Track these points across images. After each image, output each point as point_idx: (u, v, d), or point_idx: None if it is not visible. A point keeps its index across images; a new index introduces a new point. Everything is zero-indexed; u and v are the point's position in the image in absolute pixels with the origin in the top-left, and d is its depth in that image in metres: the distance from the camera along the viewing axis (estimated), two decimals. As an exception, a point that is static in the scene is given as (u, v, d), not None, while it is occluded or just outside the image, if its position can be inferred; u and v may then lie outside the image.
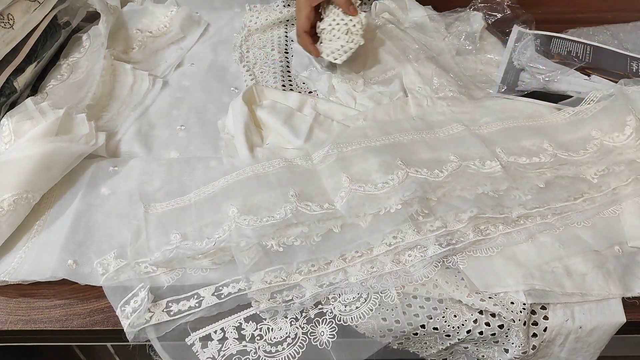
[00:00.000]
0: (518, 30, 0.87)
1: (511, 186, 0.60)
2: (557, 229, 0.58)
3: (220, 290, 0.54)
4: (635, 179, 0.62)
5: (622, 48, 0.84)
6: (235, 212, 0.56)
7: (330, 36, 0.76)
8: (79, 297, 0.55)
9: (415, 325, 0.52)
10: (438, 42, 0.88)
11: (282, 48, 0.89)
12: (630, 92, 0.69)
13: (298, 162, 0.64)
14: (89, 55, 0.80)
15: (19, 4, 0.72)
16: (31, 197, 0.59)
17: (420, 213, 0.57)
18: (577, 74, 0.76)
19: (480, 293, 0.52)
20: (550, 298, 0.53)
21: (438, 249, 0.54)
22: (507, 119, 0.70)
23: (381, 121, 0.71)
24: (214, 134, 0.73)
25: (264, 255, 0.54)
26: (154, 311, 0.52)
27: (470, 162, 0.62)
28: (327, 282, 0.54)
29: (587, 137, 0.66)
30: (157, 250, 0.55)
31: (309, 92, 0.81)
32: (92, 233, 0.59)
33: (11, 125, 0.64)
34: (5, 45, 0.70)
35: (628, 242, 0.58)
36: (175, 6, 0.93)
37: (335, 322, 0.52)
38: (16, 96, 0.73)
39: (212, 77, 0.84)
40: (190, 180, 0.64)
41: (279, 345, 0.51)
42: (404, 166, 0.60)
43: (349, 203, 0.57)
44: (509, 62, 0.82)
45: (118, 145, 0.71)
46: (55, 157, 0.62)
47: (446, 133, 0.68)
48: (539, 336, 0.52)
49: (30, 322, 0.53)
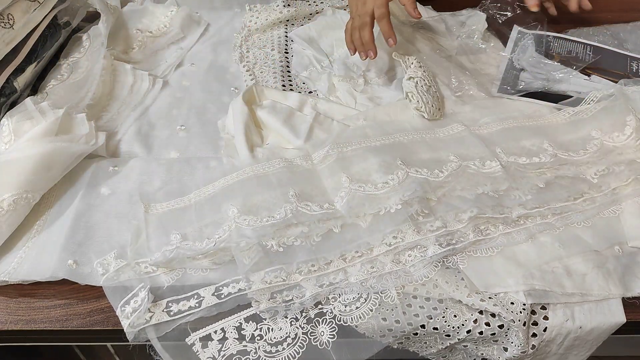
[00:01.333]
0: (518, 30, 0.87)
1: (511, 186, 0.60)
2: (557, 229, 0.58)
3: (220, 290, 0.54)
4: (635, 179, 0.62)
5: (622, 48, 0.84)
6: (235, 212, 0.56)
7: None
8: (79, 297, 0.55)
9: (415, 325, 0.52)
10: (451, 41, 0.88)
11: (282, 48, 0.89)
12: (630, 92, 0.69)
13: (298, 162, 0.64)
14: (89, 55, 0.80)
15: (19, 4, 0.72)
16: (31, 197, 0.59)
17: (420, 213, 0.57)
18: (577, 74, 0.76)
19: (480, 293, 0.52)
20: (550, 298, 0.53)
21: (438, 249, 0.54)
22: (507, 119, 0.70)
23: (381, 121, 0.71)
24: (214, 134, 0.73)
25: (264, 255, 0.54)
26: (154, 311, 0.52)
27: (470, 162, 0.62)
28: (327, 282, 0.54)
29: (587, 137, 0.66)
30: (157, 251, 0.55)
31: (309, 92, 0.81)
32: (92, 233, 0.59)
33: (11, 125, 0.64)
34: (6, 45, 0.70)
35: (628, 242, 0.58)
36: (175, 6, 0.93)
37: (335, 322, 0.52)
38: (16, 96, 0.73)
39: (212, 77, 0.84)
40: (190, 180, 0.64)
41: (279, 345, 0.51)
42: (404, 166, 0.60)
43: (349, 203, 0.57)
44: (509, 62, 0.82)
45: (118, 145, 0.71)
46: (55, 157, 0.62)
47: (446, 133, 0.68)
48: (539, 336, 0.53)
49: (30, 322, 0.53)
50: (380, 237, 0.55)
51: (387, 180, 0.59)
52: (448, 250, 0.55)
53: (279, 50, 0.88)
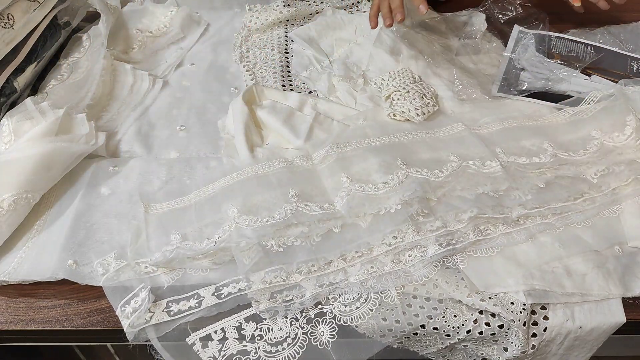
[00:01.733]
0: (519, 30, 0.87)
1: (511, 186, 0.60)
2: (557, 229, 0.58)
3: (221, 290, 0.54)
4: (635, 179, 0.62)
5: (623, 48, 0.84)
6: (235, 212, 0.56)
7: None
8: (79, 297, 0.55)
9: (415, 325, 0.52)
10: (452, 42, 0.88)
11: (282, 48, 0.89)
12: (630, 92, 0.69)
13: (298, 162, 0.64)
14: (89, 55, 0.80)
15: (19, 4, 0.72)
16: (31, 197, 0.59)
17: (420, 213, 0.57)
18: (577, 73, 0.76)
19: (480, 293, 0.52)
20: (550, 298, 0.53)
21: (438, 249, 0.54)
22: (507, 119, 0.70)
23: (381, 121, 0.71)
24: (214, 134, 0.73)
25: (264, 255, 0.54)
26: (154, 311, 0.52)
27: (470, 162, 0.62)
28: (327, 282, 0.54)
29: (587, 137, 0.66)
30: (157, 251, 0.55)
31: (309, 92, 0.81)
32: (92, 233, 0.59)
33: (11, 125, 0.64)
34: (6, 45, 0.70)
35: (628, 242, 0.58)
36: (175, 6, 0.94)
37: (335, 322, 0.52)
38: (16, 96, 0.73)
39: (212, 77, 0.84)
40: (190, 180, 0.64)
41: (279, 345, 0.51)
42: (404, 166, 0.60)
43: (349, 203, 0.57)
44: (509, 62, 0.82)
45: (118, 145, 0.71)
46: (55, 157, 0.62)
47: (446, 133, 0.68)
48: (539, 336, 0.53)
49: (30, 322, 0.53)
50: (380, 237, 0.55)
51: (387, 180, 0.59)
52: (448, 250, 0.55)
53: (279, 50, 0.88)
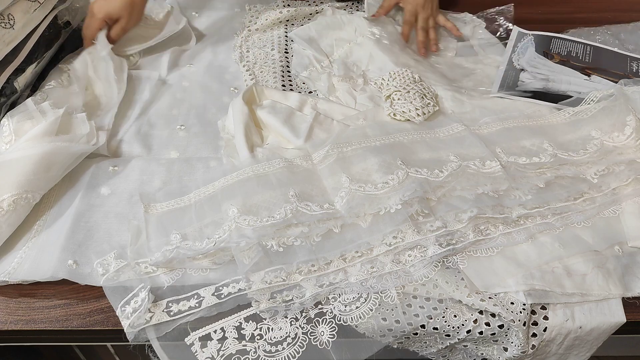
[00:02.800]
0: (518, 31, 0.87)
1: (511, 186, 0.60)
2: (557, 229, 0.58)
3: (220, 290, 0.54)
4: (635, 179, 0.62)
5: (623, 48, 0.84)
6: (235, 212, 0.56)
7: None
8: (79, 297, 0.55)
9: (415, 325, 0.52)
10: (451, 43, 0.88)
11: (282, 48, 0.89)
12: (630, 92, 0.69)
13: (298, 162, 0.64)
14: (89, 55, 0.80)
15: (19, 4, 0.72)
16: (31, 197, 0.59)
17: (420, 213, 0.57)
18: (577, 74, 0.77)
19: (480, 293, 0.52)
20: (550, 298, 0.53)
21: (438, 249, 0.54)
22: (507, 119, 0.70)
23: (381, 121, 0.71)
24: (214, 134, 0.73)
25: (264, 255, 0.54)
26: (154, 311, 0.52)
27: (470, 162, 0.62)
28: (327, 282, 0.54)
29: (587, 137, 0.66)
30: (157, 251, 0.55)
31: (309, 92, 0.81)
32: (92, 233, 0.59)
33: (12, 125, 0.64)
34: (6, 45, 0.70)
35: (628, 242, 0.58)
36: (174, 6, 0.93)
37: (335, 322, 0.52)
38: (16, 96, 0.73)
39: (212, 77, 0.84)
40: (190, 180, 0.64)
41: (279, 345, 0.51)
42: (404, 166, 0.60)
43: (349, 203, 0.57)
44: (509, 62, 0.82)
45: (118, 145, 0.71)
46: (55, 157, 0.62)
47: (446, 133, 0.68)
48: (539, 336, 0.52)
49: (30, 322, 0.53)
50: (380, 237, 0.55)
51: (387, 180, 0.59)
52: (448, 250, 0.55)
53: (279, 50, 0.88)
